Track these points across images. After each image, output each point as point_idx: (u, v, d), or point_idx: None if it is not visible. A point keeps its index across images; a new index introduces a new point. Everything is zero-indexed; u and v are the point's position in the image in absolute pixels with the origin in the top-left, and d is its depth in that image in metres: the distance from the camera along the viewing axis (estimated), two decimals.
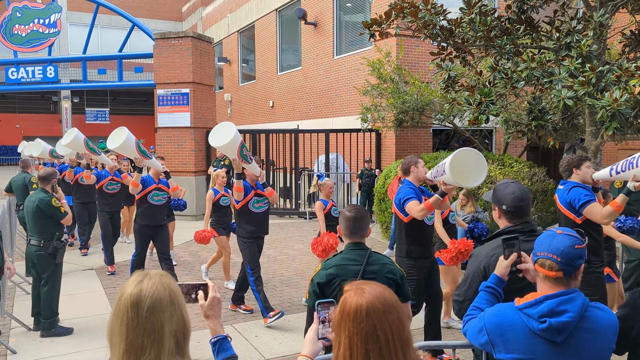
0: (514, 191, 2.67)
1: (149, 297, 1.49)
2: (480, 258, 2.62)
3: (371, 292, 1.62)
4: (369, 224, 2.99)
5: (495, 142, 13.49)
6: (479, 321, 2.14)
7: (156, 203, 6.51)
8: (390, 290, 1.68)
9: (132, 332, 1.46)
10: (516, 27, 6.89)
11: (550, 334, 1.93)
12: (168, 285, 1.54)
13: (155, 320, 1.48)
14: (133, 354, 1.46)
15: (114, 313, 1.51)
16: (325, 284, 2.80)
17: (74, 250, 9.24)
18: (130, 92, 34.82)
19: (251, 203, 5.92)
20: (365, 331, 1.56)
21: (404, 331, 1.59)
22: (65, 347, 5.13)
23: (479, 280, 2.57)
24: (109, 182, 8.22)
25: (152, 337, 1.47)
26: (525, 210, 2.69)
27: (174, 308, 1.52)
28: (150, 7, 33.13)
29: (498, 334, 2.04)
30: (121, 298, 1.51)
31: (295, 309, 6.32)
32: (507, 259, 2.33)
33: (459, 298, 2.64)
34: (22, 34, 14.51)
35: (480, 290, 2.39)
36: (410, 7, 6.57)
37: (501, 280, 2.35)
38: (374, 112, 11.58)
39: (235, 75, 23.11)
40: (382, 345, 1.55)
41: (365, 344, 1.56)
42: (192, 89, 13.01)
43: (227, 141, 5.38)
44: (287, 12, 18.49)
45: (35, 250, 5.40)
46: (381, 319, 1.57)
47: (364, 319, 1.57)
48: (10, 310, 6.03)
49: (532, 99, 7.24)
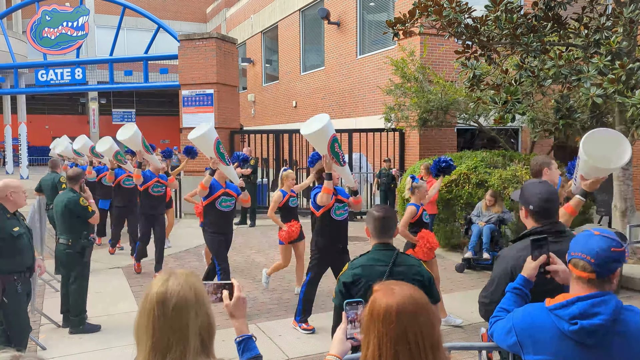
0: (540, 191, 2.63)
1: (175, 295, 1.51)
2: (507, 259, 2.58)
3: (401, 293, 1.60)
4: (396, 224, 2.97)
5: (521, 141, 13.28)
6: (507, 322, 2.10)
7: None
8: (420, 291, 1.66)
9: (158, 330, 1.48)
10: (543, 24, 6.77)
11: (581, 336, 1.89)
12: (193, 284, 1.56)
13: (181, 319, 1.49)
14: (159, 351, 1.48)
15: (141, 311, 1.53)
16: (351, 283, 2.79)
17: (102, 249, 9.40)
18: (155, 93, 35.32)
19: (333, 210, 5.47)
20: (395, 332, 1.54)
21: (434, 333, 1.58)
22: (93, 344, 5.23)
23: (506, 282, 2.52)
24: (154, 184, 7.82)
25: (178, 335, 1.48)
26: (553, 211, 2.64)
27: (199, 307, 1.53)
28: (175, 9, 33.55)
29: (527, 334, 2.00)
30: (147, 296, 1.53)
31: (319, 309, 6.32)
32: (536, 260, 2.28)
33: (485, 300, 2.60)
34: (51, 36, 14.83)
35: (507, 292, 2.35)
36: (435, 6, 6.51)
37: (528, 282, 2.30)
38: (398, 112, 11.51)
39: (258, 75, 23.23)
40: (411, 346, 1.54)
41: (395, 345, 1.54)
42: (216, 89, 13.12)
43: (316, 129, 4.84)
44: (310, 12, 18.51)
45: (63, 249, 5.51)
46: (411, 320, 1.55)
47: (393, 320, 1.55)
48: (40, 308, 6.17)
49: (560, 97, 7.11)
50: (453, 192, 8.90)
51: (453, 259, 8.82)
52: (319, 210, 5.50)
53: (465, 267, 8.15)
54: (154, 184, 7.78)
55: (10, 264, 4.28)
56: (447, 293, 6.83)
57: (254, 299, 6.68)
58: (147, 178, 7.74)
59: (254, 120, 23.42)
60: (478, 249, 8.06)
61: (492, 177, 8.70)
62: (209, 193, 6.06)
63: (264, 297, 6.79)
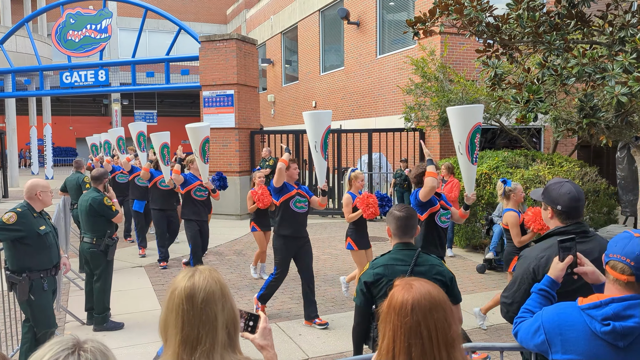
0: (570, 191, 2.58)
1: (202, 289, 1.55)
2: (530, 260, 2.55)
3: (419, 289, 1.63)
4: (417, 223, 2.96)
5: (543, 140, 13.11)
6: (535, 321, 2.07)
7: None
8: (439, 288, 1.67)
9: (187, 323, 1.52)
10: (566, 22, 6.67)
11: (613, 337, 1.86)
12: (218, 279, 1.61)
13: (210, 312, 1.53)
14: (189, 344, 1.51)
15: (168, 307, 1.56)
16: (372, 283, 2.80)
17: (125, 249, 9.54)
18: (177, 94, 35.74)
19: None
20: (409, 326, 1.58)
21: (449, 330, 1.59)
22: (117, 342, 5.31)
23: (528, 282, 2.50)
24: (197, 187, 7.29)
25: (207, 327, 1.52)
26: (580, 210, 2.60)
27: (225, 300, 1.58)
28: (196, 10, 33.87)
29: (557, 332, 1.97)
30: (174, 292, 1.56)
31: (338, 308, 6.33)
32: (563, 261, 2.25)
33: (507, 300, 2.57)
34: (75, 39, 15.09)
35: (533, 293, 2.32)
36: (455, 4, 6.46)
37: (555, 283, 2.27)
38: (418, 111, 11.46)
39: (278, 76, 23.32)
40: (424, 342, 1.56)
41: (408, 338, 1.57)
42: (237, 90, 13.21)
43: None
44: (329, 13, 18.52)
45: (88, 248, 5.62)
46: (426, 316, 1.58)
47: (408, 313, 1.59)
48: (65, 305, 6.29)
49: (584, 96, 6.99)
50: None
51: (474, 259, 8.76)
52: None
53: (487, 267, 8.07)
54: (197, 187, 7.31)
55: (37, 262, 4.38)
56: (468, 294, 6.77)
57: (274, 298, 6.71)
58: (188, 181, 7.34)
59: (273, 121, 23.52)
60: (499, 249, 7.99)
61: (514, 177, 8.60)
62: (282, 190, 5.68)
63: (284, 296, 6.82)
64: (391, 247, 2.96)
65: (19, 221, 4.26)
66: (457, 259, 8.84)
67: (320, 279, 7.63)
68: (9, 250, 4.36)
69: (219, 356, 1.52)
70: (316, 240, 10.22)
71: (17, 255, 4.33)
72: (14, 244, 4.31)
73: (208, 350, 1.51)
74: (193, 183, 7.29)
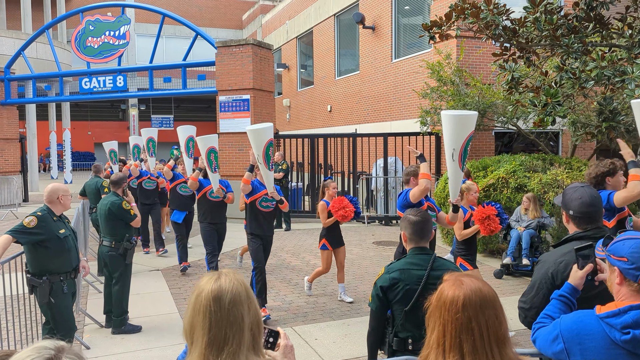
0: (581, 196, 2.57)
1: (229, 291, 1.58)
2: (548, 264, 2.53)
3: (469, 285, 1.65)
4: (432, 227, 2.96)
5: (562, 144, 12.96)
6: (554, 328, 2.05)
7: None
8: (489, 286, 1.70)
9: (215, 325, 1.54)
10: (584, 25, 6.61)
11: (633, 346, 1.83)
12: (242, 281, 1.64)
13: (237, 313, 1.56)
14: (216, 346, 1.53)
15: (194, 309, 1.58)
16: (388, 287, 2.79)
17: (143, 254, 9.63)
18: (193, 99, 36.03)
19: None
20: (460, 322, 1.60)
21: (500, 328, 1.61)
22: (135, 344, 5.36)
23: (547, 287, 2.48)
24: (263, 197, 6.57)
25: (235, 328, 1.55)
26: (595, 216, 2.57)
27: (250, 302, 1.61)
28: (212, 16, 34.17)
29: (576, 341, 1.95)
30: (200, 295, 1.58)
31: (355, 313, 6.31)
32: (582, 269, 2.22)
33: (525, 305, 2.56)
34: (94, 45, 15.32)
35: (553, 299, 2.30)
36: (472, 8, 6.43)
37: (576, 290, 2.25)
38: (434, 115, 11.41)
39: (293, 80, 23.41)
40: (476, 338, 1.59)
41: (459, 334, 1.60)
42: (253, 95, 13.29)
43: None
44: (345, 17, 18.56)
45: (107, 251, 5.69)
46: (477, 313, 1.60)
47: (459, 309, 1.61)
48: (84, 308, 6.37)
49: (603, 99, 6.91)
50: (491, 197, 8.75)
51: (491, 264, 8.68)
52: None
53: (504, 273, 7.99)
54: (262, 197, 6.46)
55: (56, 265, 4.45)
56: None
57: (290, 303, 6.73)
58: (254, 189, 6.37)
59: (289, 125, 23.60)
60: (517, 254, 7.91)
61: (531, 181, 8.52)
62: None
63: (300, 300, 6.83)
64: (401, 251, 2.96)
65: (39, 225, 4.33)
66: None
67: (336, 284, 7.62)
68: (29, 254, 4.43)
69: (244, 357, 1.54)
70: None
71: (38, 258, 4.40)
72: (34, 247, 4.38)
73: (234, 351, 1.53)
74: (259, 192, 6.29)
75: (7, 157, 17.14)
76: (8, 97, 16.78)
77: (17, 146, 17.55)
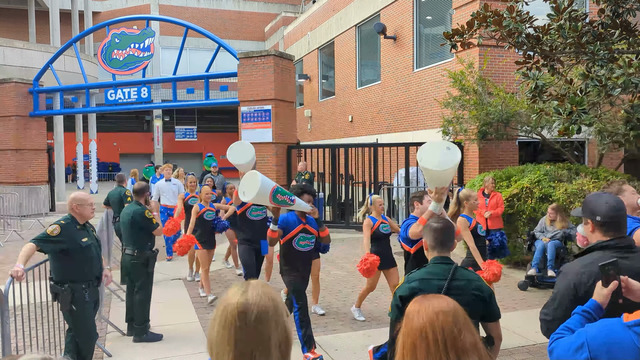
0: (607, 201, 2.49)
1: (256, 306, 1.48)
2: (571, 276, 2.46)
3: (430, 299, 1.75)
4: (454, 237, 2.91)
5: (588, 154, 12.71)
6: (578, 338, 1.99)
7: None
8: (454, 301, 1.75)
9: (240, 341, 1.46)
10: (610, 31, 6.49)
11: None
12: (271, 295, 1.54)
13: (263, 330, 1.47)
14: None
15: (219, 323, 1.50)
16: (407, 297, 2.74)
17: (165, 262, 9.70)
18: (216, 110, 36.43)
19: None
20: (414, 328, 1.68)
21: (459, 335, 1.62)
22: (156, 353, 5.38)
23: (569, 299, 2.41)
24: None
25: (261, 347, 1.46)
26: (622, 222, 2.49)
27: (278, 318, 1.51)
28: (234, 28, 34.60)
29: (603, 351, 1.88)
30: (227, 308, 1.50)
31: (375, 324, 6.24)
32: (607, 286, 2.15)
33: (548, 317, 2.48)
34: (119, 58, 15.63)
35: (576, 314, 2.22)
36: (494, 16, 6.37)
37: (600, 309, 2.17)
38: (456, 125, 11.31)
39: (315, 91, 23.50)
40: (430, 344, 1.63)
41: (414, 340, 1.66)
42: (274, 105, 13.37)
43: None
44: (366, 28, 18.59)
45: (129, 260, 5.74)
46: (432, 319, 1.67)
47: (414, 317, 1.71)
48: (106, 316, 6.43)
49: (630, 107, 6.76)
50: (515, 207, 8.61)
51: (516, 276, 8.51)
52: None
53: (529, 284, 7.83)
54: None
55: (79, 273, 4.49)
56: (509, 311, 6.58)
57: (310, 313, 6.68)
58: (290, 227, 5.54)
59: (310, 135, 23.66)
60: (542, 266, 7.75)
61: (556, 191, 8.36)
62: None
63: (320, 311, 6.78)
64: None
65: (62, 233, 4.39)
66: None
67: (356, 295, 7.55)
68: (53, 262, 4.49)
69: None
70: (352, 255, 10.14)
71: (61, 266, 4.46)
72: (57, 256, 4.44)
73: None
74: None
75: (35, 168, 17.53)
76: (37, 108, 17.19)
77: (45, 157, 17.94)
